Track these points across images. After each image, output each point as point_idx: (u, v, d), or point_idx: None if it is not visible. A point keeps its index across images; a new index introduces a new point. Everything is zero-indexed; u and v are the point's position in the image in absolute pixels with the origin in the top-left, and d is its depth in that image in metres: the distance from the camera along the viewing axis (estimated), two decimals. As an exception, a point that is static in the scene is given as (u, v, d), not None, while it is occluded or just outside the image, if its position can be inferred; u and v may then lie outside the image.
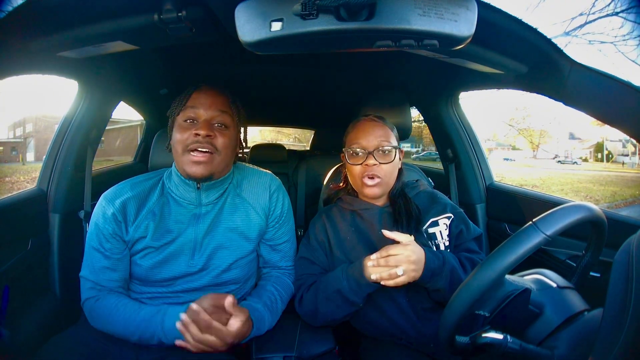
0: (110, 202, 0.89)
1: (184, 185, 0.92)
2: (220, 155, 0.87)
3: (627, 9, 0.85)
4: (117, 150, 13.94)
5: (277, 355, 0.88)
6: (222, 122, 0.88)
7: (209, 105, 0.87)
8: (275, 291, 0.97)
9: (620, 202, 8.43)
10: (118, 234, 0.89)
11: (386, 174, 0.94)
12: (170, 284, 0.91)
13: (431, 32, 0.55)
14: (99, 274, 0.88)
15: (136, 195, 0.91)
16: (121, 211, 0.88)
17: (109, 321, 0.85)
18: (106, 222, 0.88)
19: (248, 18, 0.56)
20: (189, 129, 0.85)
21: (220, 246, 0.93)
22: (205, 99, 0.88)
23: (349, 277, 0.87)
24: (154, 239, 0.89)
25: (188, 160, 0.85)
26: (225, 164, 0.90)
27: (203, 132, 0.83)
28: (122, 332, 0.84)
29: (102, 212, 0.89)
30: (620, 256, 0.47)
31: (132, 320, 0.83)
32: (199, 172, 0.84)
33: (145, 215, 0.90)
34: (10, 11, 0.63)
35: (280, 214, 1.02)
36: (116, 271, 0.89)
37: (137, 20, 0.73)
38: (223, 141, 0.87)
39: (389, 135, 0.96)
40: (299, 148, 4.03)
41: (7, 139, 22.42)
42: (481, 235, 1.00)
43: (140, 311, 0.84)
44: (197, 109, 0.87)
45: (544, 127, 22.92)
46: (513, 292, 0.59)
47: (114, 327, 0.84)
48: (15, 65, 0.82)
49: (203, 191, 0.92)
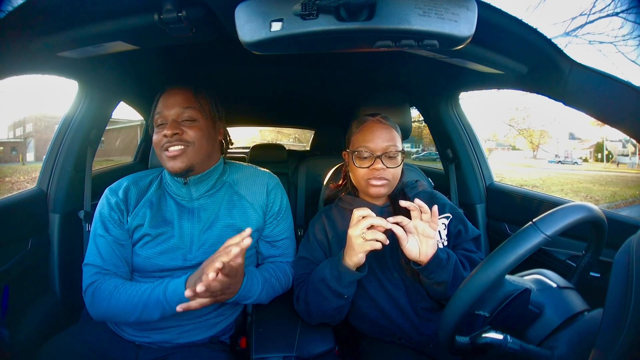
0: (113, 193, 0.95)
1: (174, 182, 0.97)
2: (194, 146, 0.90)
3: (627, 9, 0.85)
4: (117, 150, 13.94)
5: (277, 356, 0.88)
6: (188, 117, 0.91)
7: (172, 105, 0.91)
8: (272, 270, 0.99)
9: (620, 202, 8.44)
10: (122, 222, 0.93)
11: (393, 177, 0.94)
12: (169, 275, 0.91)
13: (431, 32, 0.55)
14: (106, 258, 0.90)
15: (137, 187, 0.96)
16: (124, 200, 0.93)
17: (110, 302, 0.84)
18: (112, 210, 0.92)
19: (248, 18, 0.56)
20: (159, 133, 0.90)
21: (218, 242, 0.92)
22: (169, 99, 0.92)
23: (331, 266, 0.86)
24: (151, 227, 0.91)
25: (165, 157, 0.89)
26: (203, 155, 0.92)
27: (169, 131, 0.87)
28: (122, 311, 0.83)
29: (107, 201, 0.93)
30: (620, 256, 0.47)
31: (134, 295, 0.83)
32: (176, 166, 0.88)
33: (143, 204, 0.94)
34: (10, 11, 0.63)
35: (279, 211, 1.03)
36: (120, 257, 0.91)
37: (137, 20, 0.73)
38: (193, 133, 0.90)
39: (396, 139, 0.95)
40: (298, 148, 4.03)
41: (7, 139, 22.41)
42: (479, 236, 1.00)
43: (142, 285, 0.85)
44: (163, 112, 0.91)
45: (544, 127, 22.93)
46: (513, 292, 0.59)
47: (115, 307, 0.84)
48: (15, 65, 0.82)
49: (192, 186, 0.95)
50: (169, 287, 0.82)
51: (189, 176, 0.93)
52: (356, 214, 0.81)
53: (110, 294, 0.84)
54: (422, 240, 0.81)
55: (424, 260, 0.81)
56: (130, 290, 0.84)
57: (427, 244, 0.80)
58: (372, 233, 0.78)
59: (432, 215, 0.80)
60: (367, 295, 0.96)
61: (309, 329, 0.95)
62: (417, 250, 0.81)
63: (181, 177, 0.93)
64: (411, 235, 0.81)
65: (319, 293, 0.88)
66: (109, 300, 0.84)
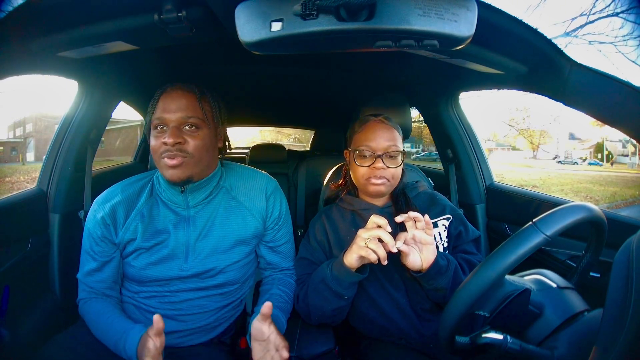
0: (100, 206, 0.90)
1: (170, 188, 0.92)
2: (194, 158, 0.85)
3: (627, 10, 0.85)
4: (117, 150, 13.94)
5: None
6: (192, 124, 0.85)
7: (175, 109, 0.84)
8: (282, 293, 0.97)
9: (620, 202, 8.44)
10: (107, 237, 0.89)
11: (393, 176, 0.94)
12: (165, 284, 0.91)
13: (431, 33, 0.55)
14: (87, 276, 0.90)
15: (126, 199, 0.91)
16: (110, 215, 0.89)
17: (92, 327, 0.88)
18: (96, 225, 0.89)
19: (248, 18, 0.56)
20: (159, 137, 0.84)
21: (215, 250, 0.92)
22: (171, 103, 0.84)
23: (332, 267, 0.86)
24: (144, 240, 0.89)
25: (164, 164, 0.84)
26: (203, 165, 0.88)
27: (171, 140, 0.81)
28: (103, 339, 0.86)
29: (93, 215, 0.90)
30: (620, 256, 0.47)
31: (106, 336, 0.84)
32: (175, 176, 0.84)
33: (134, 217, 0.90)
34: (10, 11, 0.63)
35: (279, 216, 1.01)
36: (103, 273, 0.90)
37: (137, 20, 0.73)
38: (194, 144, 0.84)
39: (396, 139, 0.95)
40: (299, 148, 4.03)
41: (7, 139, 22.41)
42: (479, 237, 1.00)
43: (111, 328, 0.84)
44: (164, 115, 0.84)
45: (544, 127, 22.93)
46: (513, 292, 0.59)
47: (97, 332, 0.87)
48: (15, 65, 0.82)
49: (188, 193, 0.91)
50: (127, 347, 0.79)
51: (187, 185, 0.89)
52: (373, 219, 0.80)
53: (90, 322, 0.89)
54: (421, 249, 0.82)
55: (425, 267, 0.82)
56: (104, 326, 0.85)
57: (428, 250, 0.82)
58: (376, 245, 0.78)
59: (426, 223, 0.80)
60: (368, 295, 0.96)
61: (309, 329, 0.95)
62: (419, 261, 0.82)
63: (178, 186, 0.89)
64: (410, 248, 0.82)
65: (319, 293, 0.88)
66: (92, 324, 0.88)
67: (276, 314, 0.89)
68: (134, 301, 0.93)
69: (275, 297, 0.95)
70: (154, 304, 0.91)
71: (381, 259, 0.78)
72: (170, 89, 0.87)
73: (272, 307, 0.77)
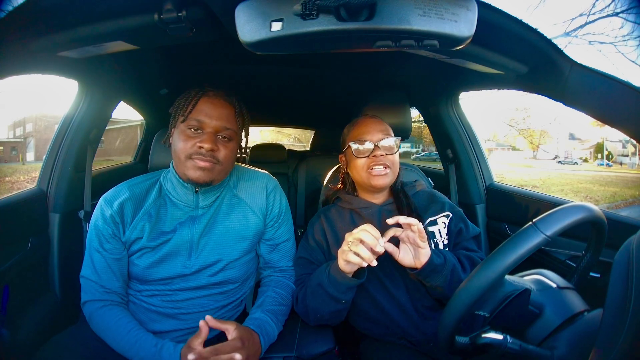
0: (108, 204, 0.90)
1: (182, 187, 0.92)
2: (222, 166, 0.88)
3: (627, 10, 0.85)
4: (117, 150, 13.93)
5: (278, 356, 0.88)
6: (226, 135, 0.88)
7: (217, 117, 0.86)
8: (276, 295, 0.97)
9: (620, 202, 8.43)
10: (117, 235, 0.89)
11: (392, 163, 0.96)
12: (168, 282, 0.91)
13: (431, 33, 0.55)
14: (101, 274, 0.89)
15: (133, 197, 0.91)
16: (119, 213, 0.89)
17: (106, 335, 0.86)
18: (105, 223, 0.89)
19: (248, 18, 0.56)
20: (192, 139, 0.85)
21: (217, 246, 0.93)
22: (213, 110, 0.86)
23: (329, 271, 0.86)
24: (149, 240, 0.89)
25: (192, 165, 0.85)
26: (225, 172, 0.92)
27: (207, 145, 0.83)
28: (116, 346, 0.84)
29: (102, 213, 0.90)
30: (620, 256, 0.47)
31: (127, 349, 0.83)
32: (201, 178, 0.85)
33: (142, 217, 0.90)
34: (10, 11, 0.63)
35: (279, 214, 1.02)
36: (116, 272, 0.90)
37: (137, 20, 0.73)
38: (225, 154, 0.87)
39: (389, 130, 1.00)
40: (299, 148, 4.03)
41: (7, 139, 22.41)
42: (480, 235, 1.01)
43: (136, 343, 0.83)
44: (202, 120, 0.85)
45: (544, 127, 22.93)
46: (513, 292, 0.59)
47: (109, 341, 0.85)
48: (15, 65, 0.82)
49: (201, 194, 0.93)
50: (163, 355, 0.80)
51: (203, 187, 0.91)
52: (361, 226, 0.79)
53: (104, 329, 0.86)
54: (414, 249, 0.83)
55: (418, 266, 0.83)
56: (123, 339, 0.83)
57: (419, 252, 0.82)
58: (356, 246, 0.76)
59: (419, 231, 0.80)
60: (368, 294, 0.96)
61: (309, 329, 0.95)
62: (411, 258, 0.83)
63: (198, 186, 0.90)
64: (403, 245, 0.84)
65: (317, 296, 0.88)
66: (102, 332, 0.86)
67: (264, 318, 0.90)
68: (135, 299, 0.93)
69: (269, 300, 0.96)
70: (155, 302, 0.92)
71: (367, 261, 0.76)
72: (213, 94, 0.88)
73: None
